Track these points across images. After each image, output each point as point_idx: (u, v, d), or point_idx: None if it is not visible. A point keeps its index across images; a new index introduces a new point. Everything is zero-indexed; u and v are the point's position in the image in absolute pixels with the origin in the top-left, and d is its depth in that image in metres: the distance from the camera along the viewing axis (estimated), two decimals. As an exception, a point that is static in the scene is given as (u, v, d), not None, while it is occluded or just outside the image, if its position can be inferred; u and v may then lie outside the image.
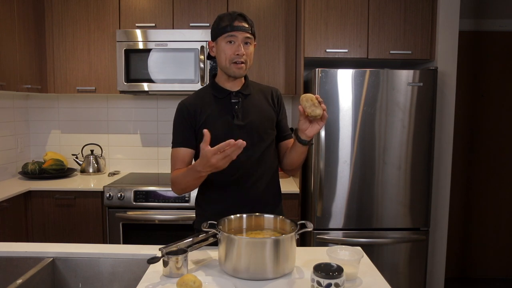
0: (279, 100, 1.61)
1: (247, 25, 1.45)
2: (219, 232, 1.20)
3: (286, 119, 1.65)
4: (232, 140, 1.19)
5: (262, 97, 1.57)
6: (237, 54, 1.43)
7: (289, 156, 1.55)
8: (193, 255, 1.35)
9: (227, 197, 1.52)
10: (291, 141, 1.60)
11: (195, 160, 1.55)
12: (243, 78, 1.57)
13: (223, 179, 1.49)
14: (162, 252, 1.19)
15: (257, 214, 1.38)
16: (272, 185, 1.60)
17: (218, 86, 1.54)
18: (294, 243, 1.22)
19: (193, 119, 1.50)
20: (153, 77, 2.72)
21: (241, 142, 1.19)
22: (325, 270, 1.02)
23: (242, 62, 1.45)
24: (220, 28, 1.45)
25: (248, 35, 1.45)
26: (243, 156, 1.37)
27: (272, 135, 1.56)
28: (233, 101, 1.51)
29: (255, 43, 1.53)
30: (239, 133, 1.46)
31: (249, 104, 1.53)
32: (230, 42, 1.44)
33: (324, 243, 2.47)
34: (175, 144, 1.52)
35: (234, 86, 1.54)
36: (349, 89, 2.44)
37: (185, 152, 1.50)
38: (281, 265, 1.18)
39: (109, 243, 2.59)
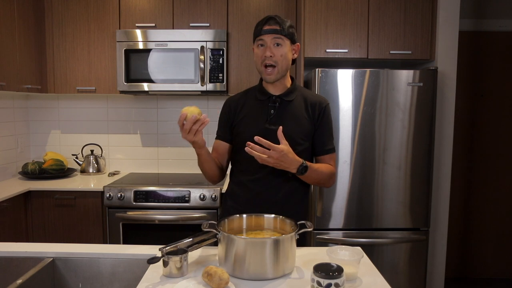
0: (321, 112, 1.56)
1: (277, 27, 1.46)
2: (219, 232, 1.20)
3: (328, 134, 1.58)
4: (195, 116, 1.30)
5: (303, 106, 1.56)
6: (265, 56, 1.47)
7: None
8: (193, 255, 1.35)
9: (251, 193, 1.54)
10: (324, 157, 1.57)
11: (233, 155, 1.63)
12: (287, 83, 1.58)
13: (246, 175, 1.55)
14: (162, 252, 1.19)
15: (257, 214, 1.38)
16: (297, 193, 1.57)
17: (262, 88, 1.59)
18: (294, 243, 1.22)
19: (232, 116, 1.59)
20: (153, 77, 2.72)
21: (204, 117, 1.31)
22: (325, 270, 1.02)
23: (272, 65, 1.48)
24: (254, 34, 1.52)
25: (277, 36, 1.46)
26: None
27: (303, 146, 1.53)
28: (270, 104, 1.54)
29: (295, 45, 1.54)
30: (269, 137, 1.44)
31: (286, 110, 1.54)
32: (261, 46, 1.49)
33: (324, 243, 2.47)
34: (216, 136, 1.64)
35: (276, 90, 1.56)
36: (349, 89, 2.44)
37: (219, 144, 1.62)
38: (281, 265, 1.18)
39: (109, 243, 2.59)
